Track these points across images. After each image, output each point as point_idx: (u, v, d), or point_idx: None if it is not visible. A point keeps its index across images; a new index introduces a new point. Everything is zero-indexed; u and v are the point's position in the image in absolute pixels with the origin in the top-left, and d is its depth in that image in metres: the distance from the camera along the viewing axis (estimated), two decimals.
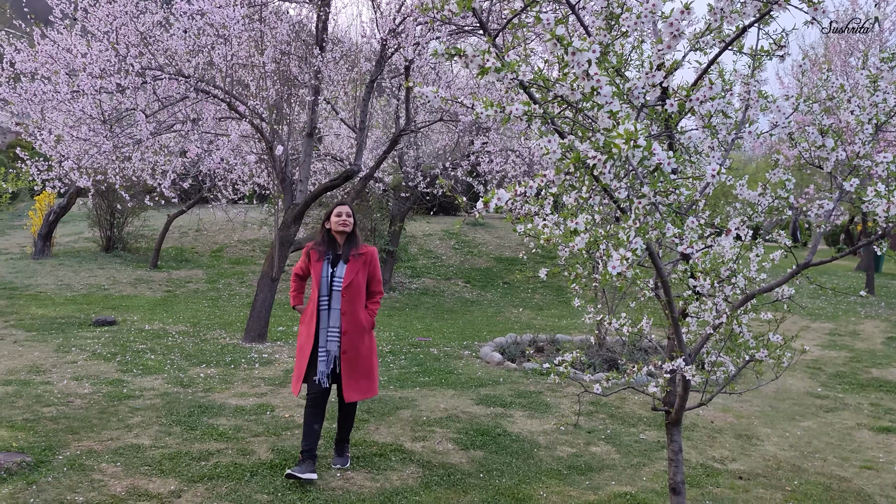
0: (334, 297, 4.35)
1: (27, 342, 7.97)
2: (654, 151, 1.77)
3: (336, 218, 4.44)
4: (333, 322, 4.34)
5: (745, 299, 2.95)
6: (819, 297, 14.73)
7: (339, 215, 4.44)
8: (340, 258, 4.42)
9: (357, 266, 4.41)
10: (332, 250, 4.46)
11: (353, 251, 4.44)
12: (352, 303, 4.38)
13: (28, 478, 4.03)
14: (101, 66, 6.66)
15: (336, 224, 4.44)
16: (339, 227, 4.42)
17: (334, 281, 4.36)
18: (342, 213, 4.44)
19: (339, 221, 4.43)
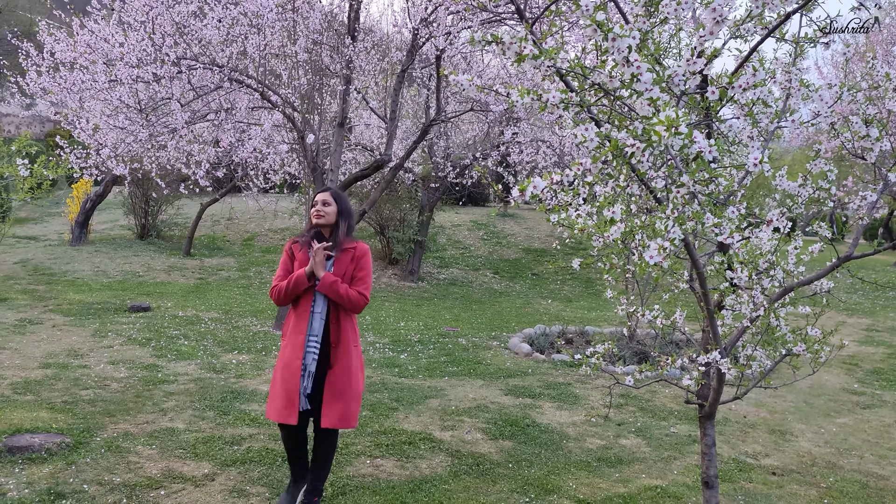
0: (318, 296, 3.58)
1: (65, 327, 8.15)
2: (696, 139, 1.74)
3: (312, 209, 3.67)
4: (315, 330, 3.58)
5: (783, 292, 2.90)
6: (856, 291, 14.43)
7: (314, 204, 3.66)
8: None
9: (345, 263, 3.60)
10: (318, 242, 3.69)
11: (338, 246, 3.63)
12: (339, 308, 3.62)
13: (67, 458, 4.13)
14: (138, 55, 6.76)
15: (312, 215, 3.67)
16: (315, 218, 3.63)
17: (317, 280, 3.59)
18: (318, 200, 3.65)
19: (314, 212, 3.64)
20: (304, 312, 3.56)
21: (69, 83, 7.23)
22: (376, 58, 9.75)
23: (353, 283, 3.57)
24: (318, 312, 3.57)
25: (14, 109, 28.71)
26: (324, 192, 3.68)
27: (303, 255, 3.59)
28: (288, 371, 3.52)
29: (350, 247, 3.63)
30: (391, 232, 14.84)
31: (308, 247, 3.58)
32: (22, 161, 7.61)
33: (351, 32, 8.58)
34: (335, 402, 3.56)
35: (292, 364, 3.52)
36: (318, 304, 3.57)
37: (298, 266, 3.58)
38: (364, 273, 3.62)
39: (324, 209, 3.61)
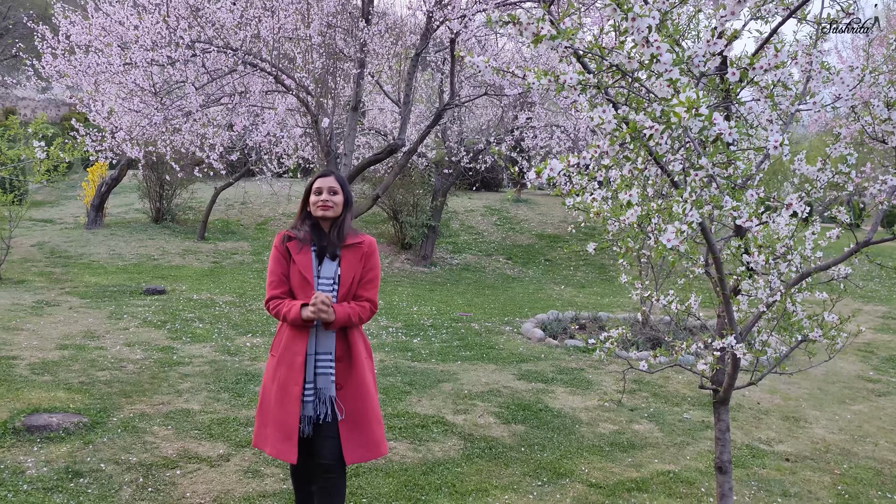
0: None
1: (81, 309, 8.23)
2: (715, 121, 1.72)
3: (315, 197, 2.99)
4: (324, 345, 2.93)
5: (800, 277, 2.87)
6: (873, 279, 14.30)
7: (318, 191, 2.98)
8: (327, 251, 2.99)
9: (353, 262, 2.97)
10: (318, 239, 3.00)
11: (345, 240, 3.00)
12: None
13: (85, 437, 4.18)
14: (153, 38, 6.76)
15: (314, 206, 2.99)
16: (320, 210, 2.97)
17: (323, 283, 2.96)
18: (323, 188, 2.97)
19: (320, 202, 2.97)
20: (303, 326, 2.92)
21: (84, 66, 7.26)
22: (390, 41, 9.70)
23: (363, 286, 2.99)
24: None
25: (29, 93, 28.88)
26: (328, 177, 3.00)
27: (303, 257, 2.94)
28: (286, 398, 2.89)
29: (357, 241, 3.00)
30: (404, 217, 14.84)
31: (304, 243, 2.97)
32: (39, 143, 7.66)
33: (365, 15, 8.54)
34: (355, 429, 2.95)
35: (290, 390, 2.88)
36: None
37: (297, 269, 2.93)
38: (374, 274, 3.03)
39: (332, 199, 2.97)
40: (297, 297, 2.94)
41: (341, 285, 2.97)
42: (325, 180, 3.02)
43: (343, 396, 2.95)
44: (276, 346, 3.02)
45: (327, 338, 2.95)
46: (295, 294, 2.96)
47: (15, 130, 9.89)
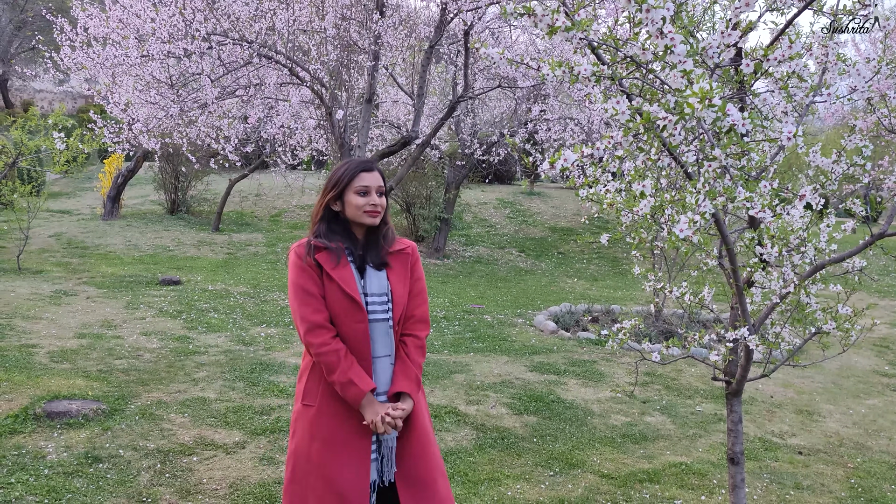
0: (378, 333, 2.30)
1: (98, 298, 8.33)
2: (729, 112, 1.73)
3: (360, 199, 2.31)
4: (381, 381, 2.31)
5: (814, 269, 2.87)
6: (889, 273, 14.18)
7: (364, 191, 2.32)
8: (369, 261, 2.36)
9: (402, 273, 2.39)
10: (351, 245, 2.36)
11: (390, 247, 2.40)
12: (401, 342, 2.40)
13: (103, 424, 4.25)
14: (169, 30, 6.82)
15: (359, 211, 2.32)
16: (368, 217, 2.33)
17: (374, 302, 2.31)
18: (371, 187, 2.33)
19: (368, 207, 2.32)
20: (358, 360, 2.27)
21: (102, 58, 7.33)
22: (404, 33, 9.71)
23: (413, 302, 2.40)
24: (383, 357, 2.32)
25: (47, 85, 29.14)
26: (373, 173, 2.36)
27: (342, 272, 2.27)
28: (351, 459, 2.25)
29: (401, 247, 2.43)
30: (417, 209, 14.86)
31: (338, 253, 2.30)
32: (58, 135, 7.74)
33: (379, 7, 8.55)
34: (417, 489, 2.33)
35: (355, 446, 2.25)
36: (378, 343, 2.31)
37: (336, 287, 2.25)
38: (422, 285, 2.46)
39: (381, 202, 2.34)
40: (339, 324, 2.25)
41: (395, 303, 2.33)
42: (372, 177, 2.34)
43: (400, 448, 2.32)
44: (311, 392, 2.29)
45: (385, 373, 2.32)
46: (337, 320, 2.25)
47: (34, 122, 10.00)
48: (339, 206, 2.37)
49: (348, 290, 2.26)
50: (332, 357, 2.20)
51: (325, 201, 2.38)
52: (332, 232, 2.36)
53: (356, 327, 2.26)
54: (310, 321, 2.23)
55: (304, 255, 2.30)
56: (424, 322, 2.43)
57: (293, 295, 2.28)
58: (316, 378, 2.29)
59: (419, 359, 2.38)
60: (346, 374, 2.20)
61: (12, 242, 11.53)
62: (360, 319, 2.26)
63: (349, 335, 2.26)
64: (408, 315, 2.40)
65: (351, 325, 2.26)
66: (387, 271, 2.36)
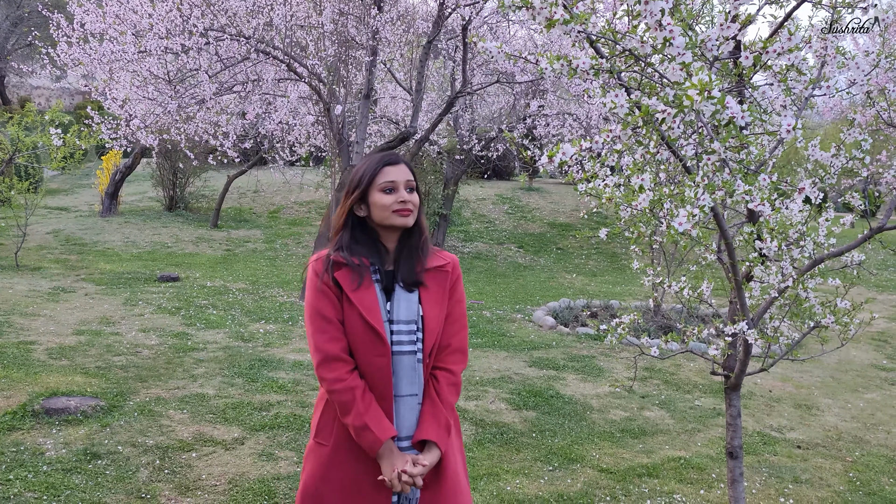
0: (403, 367, 1.95)
1: (97, 295, 8.32)
2: (728, 104, 1.72)
3: (387, 197, 1.95)
4: (404, 425, 1.96)
5: (813, 263, 2.87)
6: (887, 268, 14.19)
7: (390, 188, 1.95)
8: (400, 279, 1.98)
9: (439, 295, 2.01)
10: (379, 260, 1.99)
11: (426, 263, 2.02)
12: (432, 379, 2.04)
13: (102, 421, 4.25)
14: (166, 26, 6.79)
15: (387, 211, 1.96)
16: (399, 218, 1.96)
17: (400, 332, 1.95)
18: (398, 182, 1.96)
19: (397, 206, 1.95)
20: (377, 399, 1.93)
21: (99, 54, 7.31)
22: (402, 29, 9.68)
23: (449, 328, 2.02)
24: (407, 396, 1.96)
25: (44, 82, 29.08)
26: (400, 165, 2.00)
27: (364, 294, 1.92)
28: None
29: (441, 263, 2.04)
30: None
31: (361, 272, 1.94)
32: (55, 131, 7.72)
33: (377, 2, 8.53)
34: None
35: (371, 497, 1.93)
36: (403, 380, 1.95)
37: (356, 314, 1.91)
38: (462, 308, 2.08)
39: (412, 200, 1.97)
40: (358, 355, 1.92)
41: (427, 332, 1.96)
42: (398, 171, 1.98)
43: (426, 502, 1.96)
44: (324, 429, 1.97)
45: (409, 414, 1.96)
46: (356, 351, 1.92)
47: (31, 118, 9.97)
48: (365, 210, 1.99)
49: (369, 318, 1.90)
50: (346, 396, 1.87)
51: (347, 206, 2.00)
52: (356, 243, 1.98)
53: (376, 361, 1.91)
54: (324, 352, 1.89)
55: (322, 272, 1.93)
56: (462, 353, 2.05)
57: (308, 319, 1.93)
58: (331, 414, 1.96)
59: (452, 399, 2.00)
60: (361, 418, 1.86)
61: (10, 239, 11.51)
62: (381, 352, 1.91)
63: (368, 369, 1.92)
64: (442, 344, 2.00)
65: (370, 359, 1.91)
66: (420, 292, 1.98)
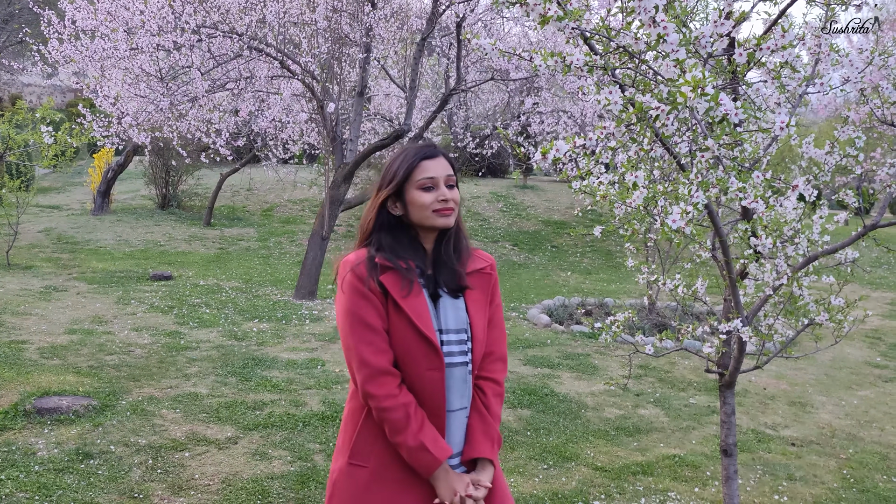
0: (454, 380, 1.80)
1: (89, 294, 8.28)
2: (722, 101, 1.71)
3: (426, 195, 1.78)
4: (455, 441, 1.83)
5: (807, 261, 2.87)
6: (881, 265, 14.25)
7: (430, 185, 1.79)
8: (443, 284, 1.83)
9: (482, 299, 1.89)
10: (421, 263, 1.83)
11: (469, 266, 1.88)
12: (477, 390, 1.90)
13: (94, 420, 4.22)
14: (158, 23, 6.76)
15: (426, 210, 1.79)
16: (440, 218, 1.79)
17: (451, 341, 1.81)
18: (438, 178, 1.79)
19: (436, 202, 1.78)
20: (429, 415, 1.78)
21: (90, 51, 7.26)
22: (396, 26, 9.66)
23: (490, 334, 1.89)
24: (458, 410, 1.83)
25: (35, 79, 28.90)
26: (438, 159, 1.83)
27: (415, 301, 1.75)
28: None
29: (480, 266, 1.91)
30: None
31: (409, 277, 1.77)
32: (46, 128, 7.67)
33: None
34: None
35: None
36: (455, 394, 1.81)
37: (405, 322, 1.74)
38: (501, 313, 1.96)
39: (453, 197, 1.81)
40: (407, 369, 1.75)
41: (475, 341, 1.83)
42: (437, 165, 1.81)
43: None
44: (364, 450, 1.79)
45: (459, 430, 1.83)
46: (404, 364, 1.75)
47: (22, 116, 9.91)
48: (401, 209, 1.82)
49: (423, 328, 1.73)
50: (398, 413, 1.70)
51: (378, 203, 1.82)
52: (398, 245, 1.80)
53: (429, 375, 1.75)
54: (373, 365, 1.71)
55: (367, 276, 1.74)
56: (503, 361, 1.92)
57: (349, 328, 1.73)
58: (372, 432, 1.77)
59: (499, 410, 1.88)
60: (417, 437, 1.70)
61: (1, 238, 11.44)
62: (435, 365, 1.75)
63: (419, 384, 1.75)
64: (485, 352, 1.88)
65: (422, 372, 1.75)
66: (464, 298, 1.85)
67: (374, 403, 1.72)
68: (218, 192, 15.78)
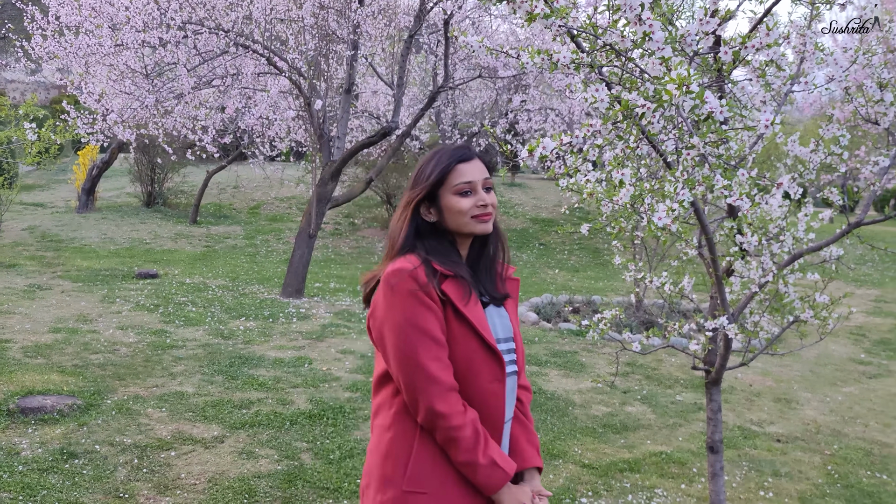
0: (509, 391, 1.75)
1: (74, 292, 8.21)
2: (707, 99, 1.71)
3: (465, 201, 1.70)
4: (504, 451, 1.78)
5: (793, 258, 2.89)
6: (865, 263, 14.38)
7: (468, 189, 1.70)
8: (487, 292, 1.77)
9: (514, 305, 1.86)
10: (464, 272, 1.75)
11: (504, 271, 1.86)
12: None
13: (79, 420, 4.19)
14: (144, 19, 6.70)
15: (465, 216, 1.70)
16: (479, 224, 1.72)
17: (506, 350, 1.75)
18: (475, 180, 1.71)
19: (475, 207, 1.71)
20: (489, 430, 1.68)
21: (75, 48, 7.19)
22: (383, 23, 9.63)
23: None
24: (508, 421, 1.77)
25: (18, 76, 28.58)
26: (474, 161, 1.73)
27: (475, 310, 1.67)
28: None
29: (510, 271, 1.89)
30: (397, 201, 14.78)
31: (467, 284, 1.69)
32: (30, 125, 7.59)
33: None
34: None
35: None
36: (508, 407, 1.75)
37: (466, 332, 1.65)
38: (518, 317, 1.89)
39: (493, 201, 1.73)
40: (468, 382, 1.65)
41: (518, 350, 1.80)
42: (473, 168, 1.72)
43: None
44: (422, 474, 1.64)
45: (506, 441, 1.78)
46: (465, 375, 1.65)
47: (5, 112, 9.80)
48: (435, 215, 1.72)
49: (487, 338, 1.66)
50: (468, 431, 1.60)
51: (411, 210, 1.72)
52: (445, 251, 1.71)
53: (491, 387, 1.67)
54: (443, 383, 1.60)
55: (427, 282, 1.61)
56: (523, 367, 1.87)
57: (412, 342, 1.59)
58: (431, 454, 1.63)
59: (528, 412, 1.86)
60: (487, 454, 1.61)
61: None
62: (497, 377, 1.67)
63: (480, 397, 1.66)
64: None
65: (484, 385, 1.66)
66: (506, 304, 1.80)
67: (444, 423, 1.59)
68: (204, 190, 15.69)
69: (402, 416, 1.66)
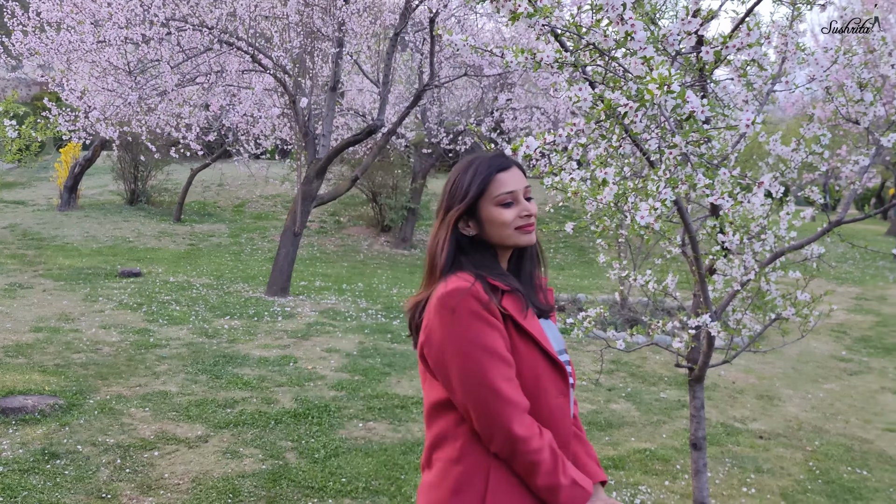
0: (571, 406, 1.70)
1: (55, 291, 8.13)
2: (688, 98, 1.72)
3: (507, 212, 1.60)
4: None
5: (774, 256, 2.91)
6: (846, 260, 14.54)
7: (510, 200, 1.60)
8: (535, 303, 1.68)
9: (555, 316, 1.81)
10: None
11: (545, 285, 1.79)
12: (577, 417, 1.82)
13: (61, 420, 4.15)
14: (126, 15, 6.64)
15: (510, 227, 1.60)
16: (524, 235, 1.62)
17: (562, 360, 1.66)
18: (516, 189, 1.61)
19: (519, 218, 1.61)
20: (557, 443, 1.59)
21: (56, 44, 7.11)
22: (369, 20, 9.60)
23: None
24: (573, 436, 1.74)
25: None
26: (514, 170, 1.64)
27: (534, 323, 1.61)
28: None
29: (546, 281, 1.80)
30: (383, 199, 14.77)
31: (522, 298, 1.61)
32: (10, 122, 7.50)
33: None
34: None
35: None
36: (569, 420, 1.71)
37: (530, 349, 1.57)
38: None
39: (535, 210, 1.64)
40: (536, 397, 1.56)
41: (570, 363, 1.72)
42: (514, 177, 1.62)
43: None
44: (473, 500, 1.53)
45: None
46: (533, 392, 1.56)
47: None
48: (474, 228, 1.63)
49: (551, 351, 1.59)
50: (547, 454, 1.50)
51: (451, 224, 1.62)
52: (491, 265, 1.62)
53: (557, 403, 1.59)
54: (519, 405, 1.50)
55: (488, 300, 1.52)
56: None
57: (483, 365, 1.49)
58: (508, 483, 1.52)
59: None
60: (568, 475, 1.52)
61: None
62: (563, 391, 1.61)
63: (547, 413, 1.57)
64: None
65: (551, 401, 1.58)
66: (552, 316, 1.73)
67: (524, 447, 1.49)
68: (188, 188, 15.57)
69: (473, 447, 1.54)
